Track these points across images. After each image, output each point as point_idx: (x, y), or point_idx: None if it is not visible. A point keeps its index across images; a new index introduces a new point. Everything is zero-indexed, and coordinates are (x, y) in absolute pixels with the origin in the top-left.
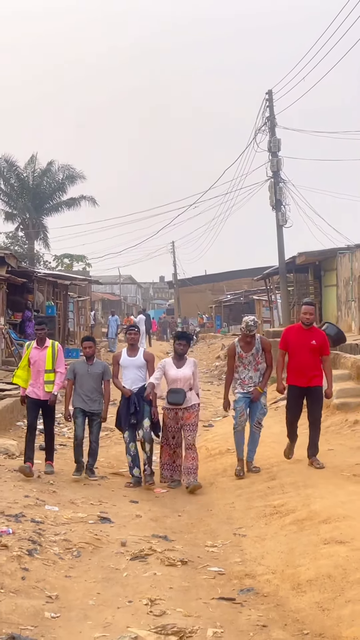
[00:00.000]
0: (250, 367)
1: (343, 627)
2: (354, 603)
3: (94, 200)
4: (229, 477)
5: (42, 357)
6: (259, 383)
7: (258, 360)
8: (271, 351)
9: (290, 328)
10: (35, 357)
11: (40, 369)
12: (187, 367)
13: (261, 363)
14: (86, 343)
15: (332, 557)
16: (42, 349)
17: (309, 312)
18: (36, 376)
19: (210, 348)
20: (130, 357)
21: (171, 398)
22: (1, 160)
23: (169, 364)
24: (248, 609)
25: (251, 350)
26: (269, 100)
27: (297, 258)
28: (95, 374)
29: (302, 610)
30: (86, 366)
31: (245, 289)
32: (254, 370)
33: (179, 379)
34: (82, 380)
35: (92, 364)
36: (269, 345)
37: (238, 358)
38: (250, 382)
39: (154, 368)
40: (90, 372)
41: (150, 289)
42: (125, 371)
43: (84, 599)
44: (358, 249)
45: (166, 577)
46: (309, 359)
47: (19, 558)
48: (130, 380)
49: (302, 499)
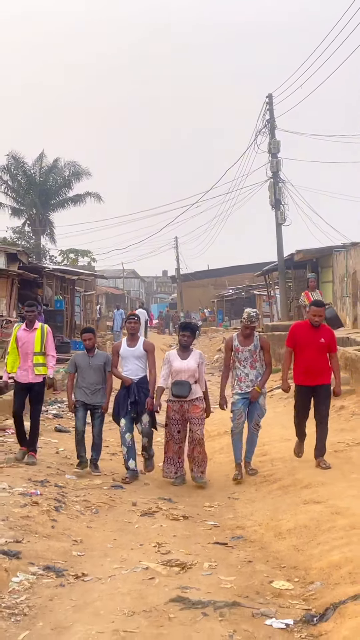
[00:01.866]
0: (246, 364)
1: (313, 562)
2: (322, 545)
3: (99, 197)
4: (225, 455)
5: (31, 339)
6: (258, 382)
7: (255, 358)
8: (270, 351)
9: (297, 325)
10: (23, 338)
11: (28, 351)
12: (191, 359)
13: (258, 361)
14: (86, 335)
15: (309, 512)
16: (31, 330)
17: (319, 315)
18: (24, 358)
19: (212, 341)
20: (130, 347)
21: (176, 390)
22: (9, 157)
23: (174, 355)
24: (237, 550)
25: (249, 345)
26: (269, 103)
27: (296, 255)
28: (96, 366)
29: (282, 551)
30: (87, 358)
31: (247, 284)
32: (250, 367)
33: (183, 371)
34: (83, 372)
35: (93, 356)
36: (268, 345)
37: (234, 352)
38: (247, 380)
39: (154, 358)
40: (91, 364)
41: (154, 283)
42: (125, 361)
43: (103, 543)
44: (353, 247)
45: (170, 528)
46: (317, 356)
47: (47, 512)
48: (130, 370)
49: (289, 470)
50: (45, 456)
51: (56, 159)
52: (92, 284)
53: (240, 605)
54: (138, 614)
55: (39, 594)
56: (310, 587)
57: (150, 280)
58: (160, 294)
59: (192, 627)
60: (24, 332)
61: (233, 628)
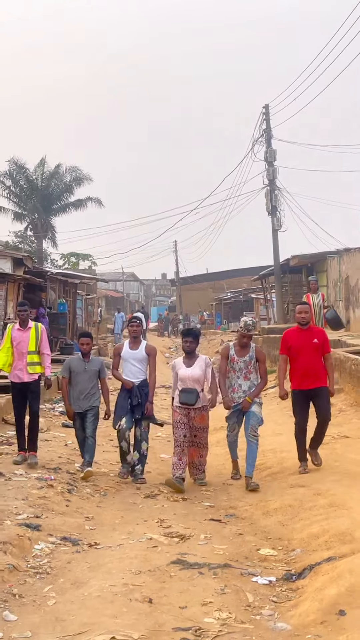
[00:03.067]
0: (240, 374)
1: (295, 534)
2: (304, 520)
3: (99, 202)
4: (221, 447)
5: (26, 338)
6: (250, 393)
7: (250, 370)
8: (265, 362)
9: (288, 332)
10: (18, 338)
11: (23, 350)
12: (196, 366)
13: (252, 372)
14: (84, 339)
15: (294, 494)
16: (25, 330)
17: (304, 311)
18: (19, 357)
19: (211, 344)
20: (132, 350)
21: (183, 398)
22: (10, 162)
23: (179, 363)
24: (230, 525)
25: (244, 356)
26: (266, 113)
27: (291, 260)
28: (91, 371)
29: (269, 526)
30: (83, 363)
31: (245, 287)
32: (244, 378)
33: (188, 378)
34: (77, 377)
35: (88, 361)
36: (264, 356)
37: (230, 362)
38: (239, 391)
39: (155, 362)
40: (87, 369)
41: (153, 286)
42: (126, 364)
43: (112, 520)
44: (346, 253)
45: (171, 508)
46: (312, 359)
47: (62, 493)
48: (130, 373)
49: (278, 460)
50: (56, 448)
51: (58, 164)
52: (94, 287)
53: (231, 567)
54: (144, 572)
55: (58, 558)
56: (292, 553)
57: (149, 283)
58: (160, 297)
59: (189, 583)
60: (18, 332)
61: (224, 583)
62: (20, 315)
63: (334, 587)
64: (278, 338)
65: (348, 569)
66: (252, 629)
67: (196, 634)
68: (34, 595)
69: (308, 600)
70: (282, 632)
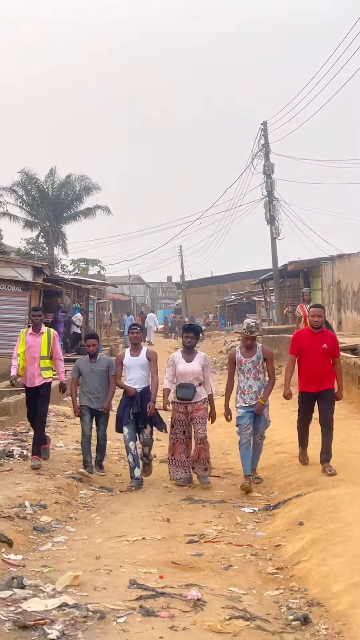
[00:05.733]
0: (249, 375)
1: (275, 483)
2: (283, 474)
3: (108, 209)
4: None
5: (38, 343)
6: (262, 394)
7: (258, 370)
8: (273, 361)
9: (300, 332)
10: (30, 342)
11: (35, 355)
12: (196, 361)
13: (261, 372)
14: (90, 341)
15: (277, 457)
16: (37, 335)
17: (317, 315)
18: (31, 362)
19: (215, 344)
20: (134, 356)
21: (181, 393)
22: (22, 173)
23: (178, 357)
24: (226, 479)
25: (251, 357)
26: (264, 130)
27: (289, 266)
28: (99, 371)
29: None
30: (90, 364)
31: (248, 290)
32: (253, 378)
33: (187, 373)
34: (87, 378)
35: (95, 362)
36: (271, 355)
37: (237, 364)
38: (250, 392)
39: (157, 366)
40: (94, 369)
41: (159, 289)
42: (129, 370)
43: None
44: (338, 259)
45: None
46: (320, 363)
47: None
48: (133, 380)
49: (268, 435)
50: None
51: (68, 174)
52: (104, 291)
53: (226, 502)
54: (162, 505)
55: (98, 498)
56: (272, 495)
57: (155, 286)
58: (165, 299)
59: (195, 511)
60: (30, 337)
61: (220, 511)
62: (34, 320)
63: (297, 509)
64: (277, 338)
65: (309, 498)
66: (239, 535)
67: (200, 537)
68: (85, 519)
69: (278, 518)
70: (260, 537)
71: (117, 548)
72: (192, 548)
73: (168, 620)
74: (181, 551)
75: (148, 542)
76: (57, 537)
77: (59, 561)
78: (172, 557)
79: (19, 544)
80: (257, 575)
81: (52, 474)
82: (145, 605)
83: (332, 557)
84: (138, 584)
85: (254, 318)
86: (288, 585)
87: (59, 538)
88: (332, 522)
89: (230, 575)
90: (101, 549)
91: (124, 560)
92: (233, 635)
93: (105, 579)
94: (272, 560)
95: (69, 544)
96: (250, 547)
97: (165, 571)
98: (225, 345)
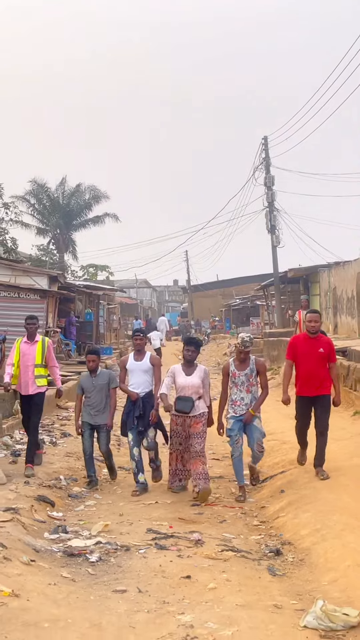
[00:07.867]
0: (242, 388)
1: (265, 464)
2: (272, 457)
3: (116, 217)
4: None
5: (32, 351)
6: (252, 405)
7: (251, 382)
8: (266, 374)
9: (296, 337)
10: (24, 351)
11: (29, 363)
12: (196, 375)
13: (254, 385)
14: (90, 357)
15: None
16: (32, 343)
17: (314, 320)
18: (24, 370)
19: (219, 347)
20: (137, 361)
21: (179, 406)
22: (32, 182)
23: (178, 370)
24: (224, 462)
25: (245, 369)
26: (265, 144)
27: (288, 272)
28: (100, 386)
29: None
30: (90, 379)
31: (252, 294)
32: (246, 391)
33: (187, 387)
34: (88, 394)
35: (96, 377)
36: (265, 368)
37: (231, 377)
38: (242, 404)
39: (160, 372)
40: (95, 384)
41: (165, 292)
42: (132, 375)
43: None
44: (334, 267)
45: None
46: (317, 367)
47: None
48: (136, 384)
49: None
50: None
51: (78, 184)
52: (113, 296)
53: (223, 478)
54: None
55: (118, 476)
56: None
57: (161, 289)
58: (172, 303)
59: None
60: (25, 345)
61: (217, 485)
62: (28, 329)
63: (280, 481)
64: (277, 341)
65: (290, 473)
66: (233, 501)
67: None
68: (108, 490)
69: (265, 489)
70: (250, 502)
71: (136, 509)
72: (195, 509)
73: (176, 552)
74: (186, 511)
75: (160, 505)
76: (88, 501)
77: (91, 517)
78: (179, 515)
79: (58, 505)
80: (245, 526)
81: (79, 456)
82: (159, 543)
83: (302, 513)
84: (153, 530)
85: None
86: (268, 532)
87: (89, 502)
88: (306, 489)
89: (224, 526)
90: (123, 510)
91: (141, 516)
92: (224, 560)
93: (128, 528)
94: (257, 517)
95: (97, 507)
96: (241, 508)
97: (174, 524)
98: (229, 348)
